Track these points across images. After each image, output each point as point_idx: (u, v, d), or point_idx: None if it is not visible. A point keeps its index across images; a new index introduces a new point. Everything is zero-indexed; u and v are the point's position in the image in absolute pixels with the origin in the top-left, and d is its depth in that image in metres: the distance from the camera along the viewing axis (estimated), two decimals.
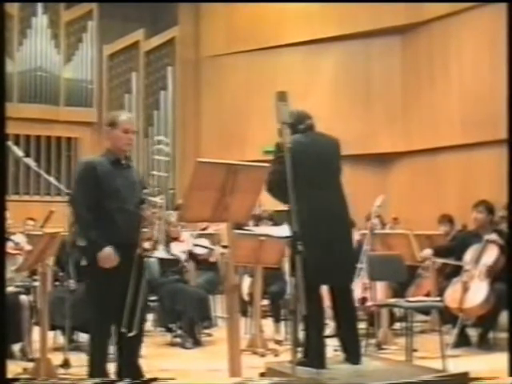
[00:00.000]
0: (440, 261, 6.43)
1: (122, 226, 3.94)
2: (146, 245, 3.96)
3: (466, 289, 5.70)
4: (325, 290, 4.47)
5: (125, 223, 3.96)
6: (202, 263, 6.83)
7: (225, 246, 6.04)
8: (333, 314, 4.43)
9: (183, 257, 6.49)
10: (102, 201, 3.95)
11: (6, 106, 3.56)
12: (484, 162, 9.75)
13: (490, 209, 6.11)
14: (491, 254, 5.79)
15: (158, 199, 3.87)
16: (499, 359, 5.45)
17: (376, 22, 10.98)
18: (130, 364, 4.09)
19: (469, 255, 5.88)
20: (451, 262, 6.25)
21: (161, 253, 6.12)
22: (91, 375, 4.02)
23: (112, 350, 4.16)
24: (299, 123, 4.34)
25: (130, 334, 3.86)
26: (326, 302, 4.49)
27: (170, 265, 6.33)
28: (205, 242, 6.98)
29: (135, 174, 4.21)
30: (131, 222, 3.95)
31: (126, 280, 3.84)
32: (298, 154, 4.13)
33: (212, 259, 6.84)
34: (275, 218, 7.43)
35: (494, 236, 5.86)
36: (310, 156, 4.26)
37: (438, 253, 6.19)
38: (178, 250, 6.51)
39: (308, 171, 4.19)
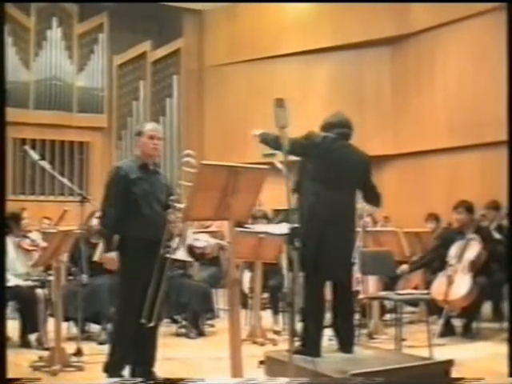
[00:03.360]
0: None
1: (149, 224, 3.99)
2: (169, 245, 3.99)
3: (450, 282, 5.71)
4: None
5: (152, 222, 4.00)
6: (201, 258, 6.82)
7: (227, 242, 6.03)
8: (331, 306, 4.43)
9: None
10: (133, 201, 4.01)
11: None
12: (468, 164, 9.77)
13: (468, 208, 6.12)
14: (474, 250, 5.82)
15: (182, 205, 3.89)
16: (482, 347, 5.49)
17: (367, 33, 10.99)
18: (145, 352, 4.11)
19: (453, 251, 5.90)
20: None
21: (181, 254, 6.10)
22: (109, 364, 4.01)
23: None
24: (338, 127, 4.43)
25: (150, 325, 3.88)
26: (327, 295, 4.49)
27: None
28: (204, 236, 6.97)
29: (162, 179, 4.27)
30: (157, 222, 3.99)
31: (149, 275, 3.87)
32: (324, 150, 4.20)
33: (208, 251, 6.82)
34: (270, 217, 7.44)
35: (474, 236, 5.89)
36: (333, 157, 4.29)
37: (414, 268, 6.18)
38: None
39: (325, 170, 4.25)
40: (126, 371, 4.07)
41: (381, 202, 4.58)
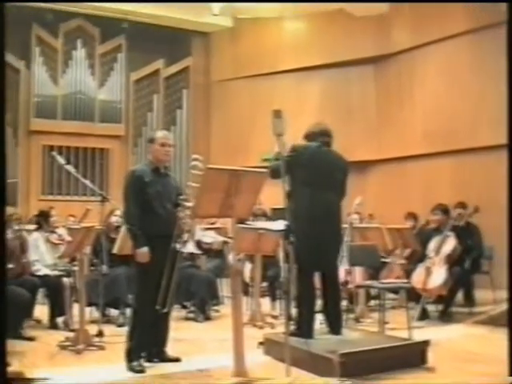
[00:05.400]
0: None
1: (162, 221, 3.98)
2: (179, 239, 3.98)
3: (429, 273, 5.73)
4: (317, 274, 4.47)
5: (165, 218, 3.99)
6: (208, 251, 6.81)
7: (230, 238, 6.03)
8: (321, 294, 4.43)
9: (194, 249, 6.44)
10: (147, 201, 3.99)
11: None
12: (442, 168, 9.76)
13: (444, 210, 6.18)
14: (450, 245, 5.84)
15: (191, 204, 3.88)
16: (454, 329, 5.51)
17: (352, 53, 10.99)
18: (161, 336, 4.11)
19: (432, 245, 5.93)
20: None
21: (190, 247, 6.09)
22: (130, 348, 3.97)
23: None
24: (320, 136, 4.43)
25: (164, 311, 3.87)
26: (317, 284, 4.48)
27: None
28: (211, 233, 6.97)
29: (173, 181, 4.26)
30: (169, 218, 3.99)
31: (162, 266, 3.87)
32: (309, 158, 4.21)
33: (215, 247, 6.81)
34: (269, 215, 7.42)
35: (451, 233, 5.91)
36: (318, 163, 4.33)
37: (413, 263, 6.18)
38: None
39: (313, 175, 4.26)
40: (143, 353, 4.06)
41: (344, 195, 4.53)
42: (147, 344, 4.03)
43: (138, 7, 11.28)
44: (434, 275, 5.71)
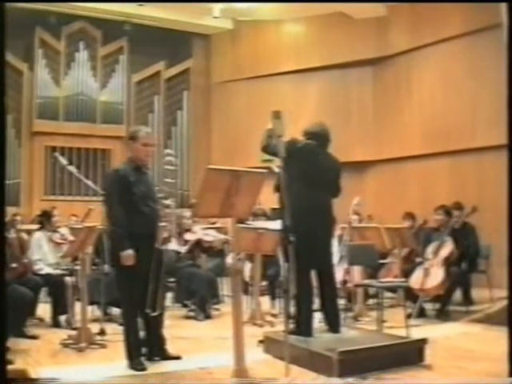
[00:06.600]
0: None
1: (148, 219, 3.93)
2: (162, 237, 3.94)
3: (427, 274, 5.78)
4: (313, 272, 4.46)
5: (148, 216, 3.93)
6: (208, 250, 6.80)
7: (232, 237, 6.02)
8: (318, 292, 4.42)
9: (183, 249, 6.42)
10: (133, 200, 3.91)
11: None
12: (438, 168, 9.77)
13: (447, 212, 6.26)
14: (447, 249, 5.90)
15: (169, 201, 3.85)
16: (451, 327, 5.51)
17: (351, 55, 11.00)
18: (155, 334, 4.09)
19: (430, 248, 6.00)
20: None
21: (174, 245, 6.08)
22: (128, 349, 3.95)
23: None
24: (319, 138, 4.44)
25: (154, 314, 3.84)
26: (314, 282, 4.47)
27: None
28: (213, 232, 6.97)
29: (151, 179, 4.21)
30: (152, 216, 3.95)
31: (147, 266, 3.81)
32: (305, 155, 4.20)
33: (215, 244, 6.80)
34: (269, 214, 7.42)
35: (449, 238, 5.94)
36: (313, 162, 4.33)
37: (417, 264, 6.20)
38: (190, 238, 6.48)
39: (306, 172, 4.26)
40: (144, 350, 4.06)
41: (338, 193, 4.53)
42: (142, 342, 4.01)
43: (139, 10, 11.28)
44: (432, 276, 5.74)
